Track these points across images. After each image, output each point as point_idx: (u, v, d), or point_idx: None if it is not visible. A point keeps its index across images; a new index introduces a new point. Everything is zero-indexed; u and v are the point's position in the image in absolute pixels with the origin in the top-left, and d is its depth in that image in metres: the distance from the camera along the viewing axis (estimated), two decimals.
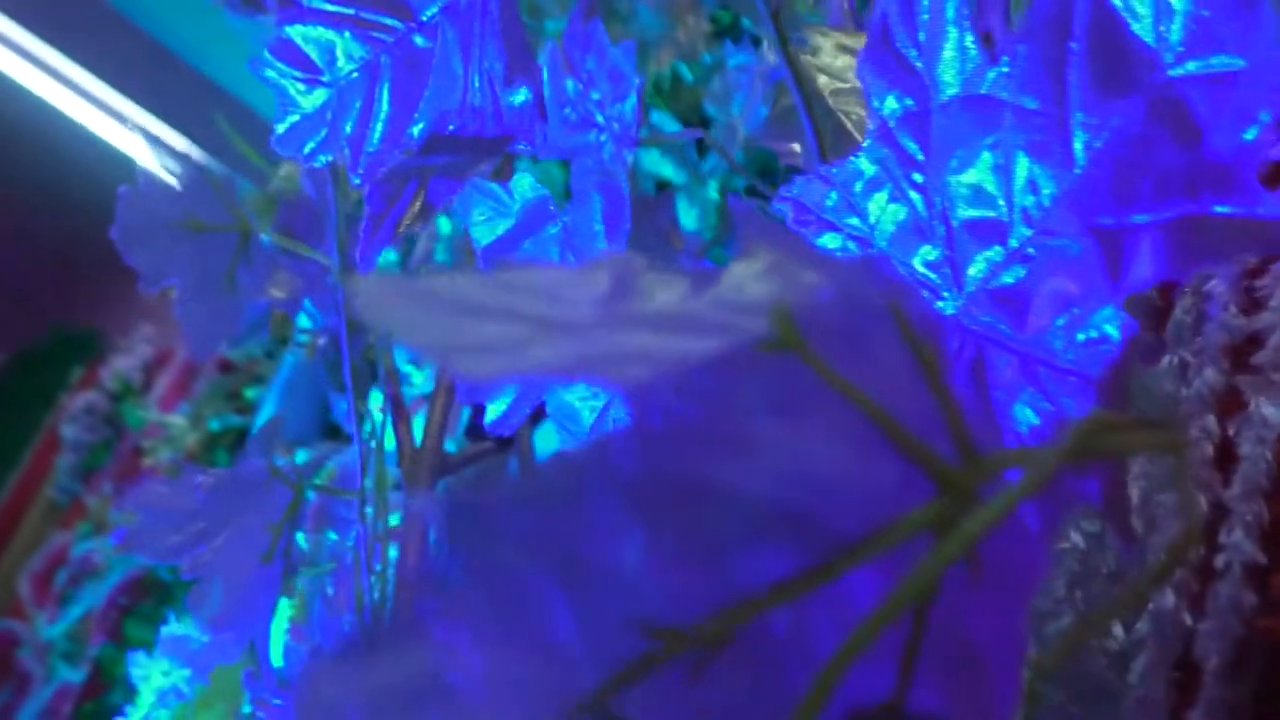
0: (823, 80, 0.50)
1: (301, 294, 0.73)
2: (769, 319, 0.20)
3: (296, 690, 0.17)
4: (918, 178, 0.32)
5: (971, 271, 0.32)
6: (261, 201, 2.45)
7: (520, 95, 0.41)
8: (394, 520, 0.81)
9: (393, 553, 0.76)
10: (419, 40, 0.44)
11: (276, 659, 1.05)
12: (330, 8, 0.44)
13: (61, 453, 2.99)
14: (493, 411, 0.49)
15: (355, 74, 0.45)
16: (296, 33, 0.45)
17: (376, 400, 1.20)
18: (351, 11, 0.44)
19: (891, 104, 0.33)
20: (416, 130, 0.44)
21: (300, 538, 0.72)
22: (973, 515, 0.20)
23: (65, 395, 3.20)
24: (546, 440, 1.18)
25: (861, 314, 0.22)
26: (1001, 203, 0.30)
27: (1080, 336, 0.28)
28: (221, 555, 0.67)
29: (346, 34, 0.44)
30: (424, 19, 0.44)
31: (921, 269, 0.33)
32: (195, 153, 3.06)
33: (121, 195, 0.61)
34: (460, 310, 0.20)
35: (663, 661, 0.18)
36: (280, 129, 0.47)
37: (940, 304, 0.32)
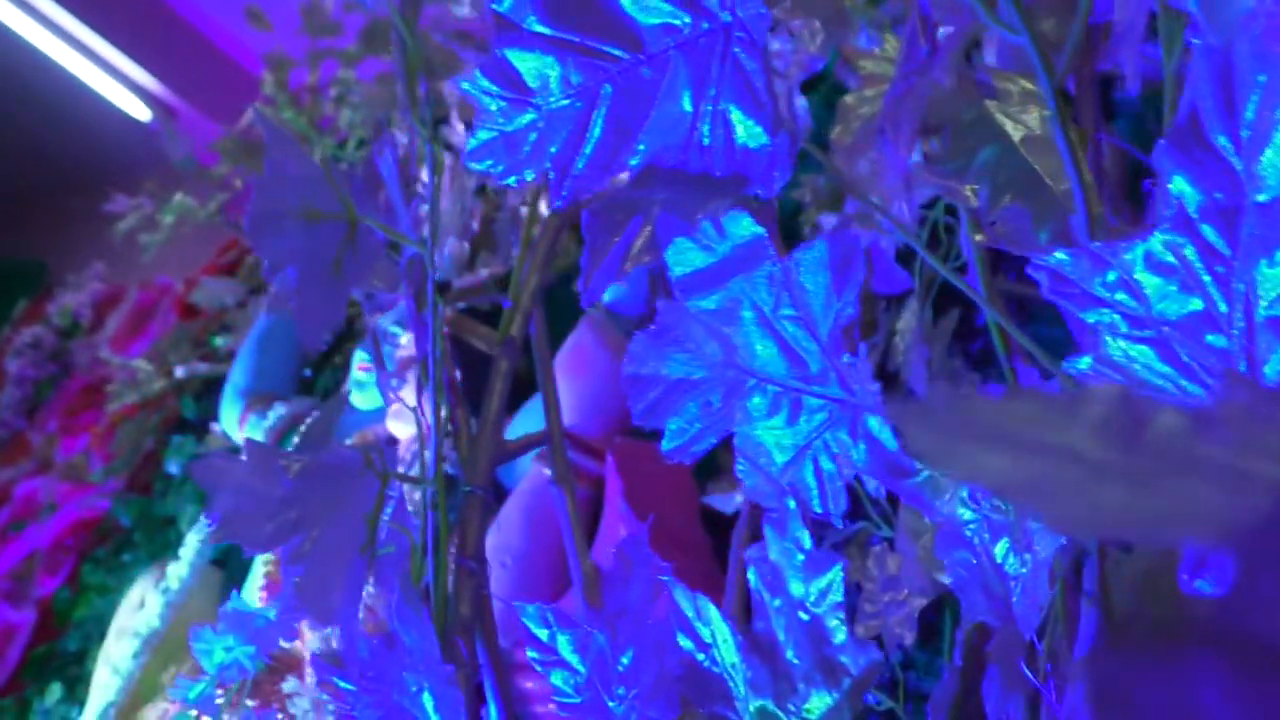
0: (1009, 126, 0.51)
1: (400, 283, 0.72)
2: None
3: None
4: (1219, 269, 0.33)
5: (1273, 366, 0.32)
6: (234, 147, 2.41)
7: (759, 139, 0.41)
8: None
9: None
10: (645, 72, 0.44)
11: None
12: (552, 33, 0.44)
13: (5, 387, 2.93)
14: (671, 440, 0.49)
15: (568, 102, 0.45)
16: (514, 55, 0.44)
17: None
18: (576, 39, 0.44)
19: (1195, 194, 0.33)
20: (633, 161, 0.44)
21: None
22: None
23: (8, 328, 3.13)
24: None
25: None
26: None
27: None
28: (319, 546, 0.67)
29: (569, 61, 0.44)
30: (654, 51, 0.43)
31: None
32: (157, 87, 3.00)
33: (256, 184, 0.60)
34: (1014, 446, 0.20)
35: None
36: (472, 144, 0.47)
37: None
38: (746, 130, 0.42)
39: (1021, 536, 0.61)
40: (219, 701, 1.00)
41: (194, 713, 1.39)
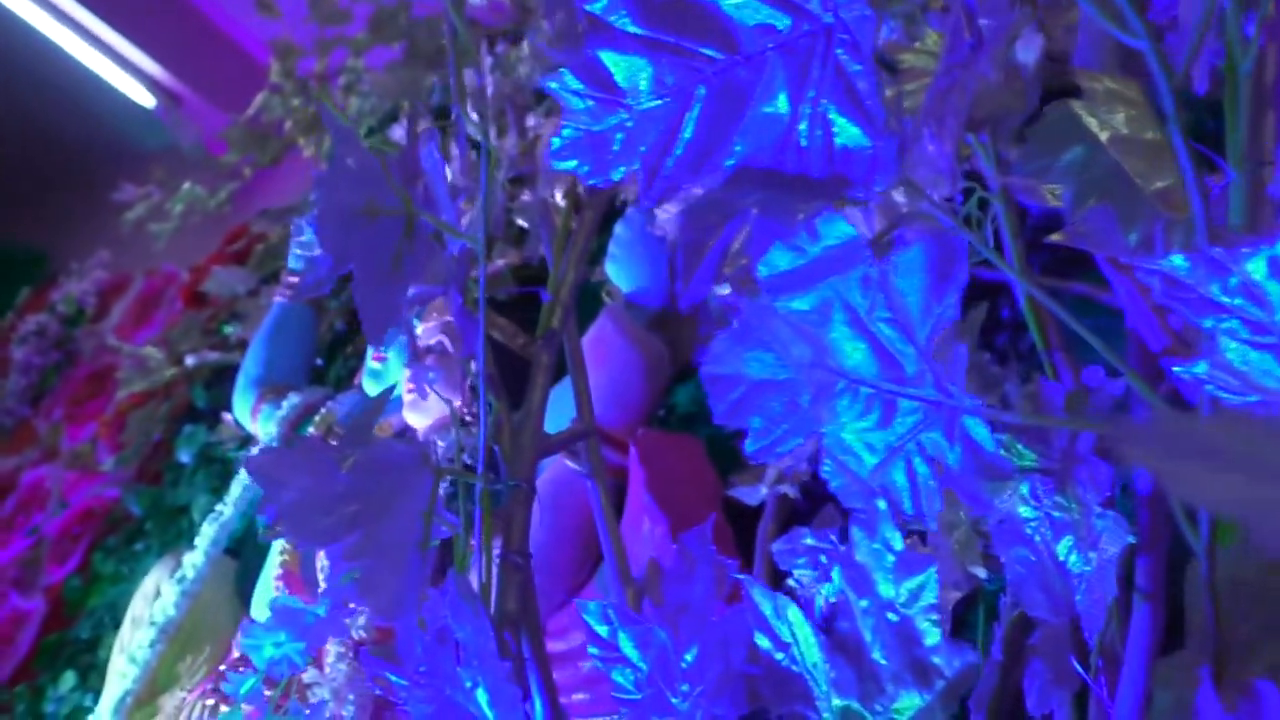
0: (1093, 124, 0.51)
1: (448, 278, 0.72)
2: None
3: None
4: None
5: None
6: (241, 136, 2.40)
7: (859, 141, 0.41)
8: None
9: None
10: (741, 73, 0.43)
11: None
12: (645, 33, 0.43)
13: (10, 374, 2.92)
14: (755, 440, 0.49)
15: (660, 102, 0.44)
16: (606, 55, 0.44)
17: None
18: (670, 40, 0.43)
19: None
20: (728, 162, 0.44)
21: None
22: None
23: (11, 316, 3.12)
24: None
25: None
26: None
27: None
28: (378, 542, 0.67)
29: (662, 62, 0.43)
30: (750, 52, 0.43)
31: None
32: (162, 74, 2.98)
33: (320, 180, 0.59)
34: (1237, 468, 0.20)
35: None
36: (557, 143, 0.47)
37: None
38: (847, 132, 0.42)
39: (1087, 535, 0.61)
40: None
41: (212, 701, 1.40)
